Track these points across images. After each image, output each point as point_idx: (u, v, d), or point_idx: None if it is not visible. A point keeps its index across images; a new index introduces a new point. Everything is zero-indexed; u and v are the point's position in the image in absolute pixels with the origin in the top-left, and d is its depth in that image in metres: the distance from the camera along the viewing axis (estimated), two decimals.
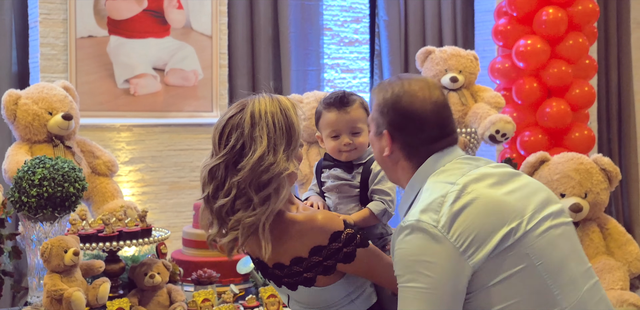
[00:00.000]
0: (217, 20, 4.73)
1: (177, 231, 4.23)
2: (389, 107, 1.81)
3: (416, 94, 1.80)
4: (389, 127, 1.81)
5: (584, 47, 5.07)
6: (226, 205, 1.79)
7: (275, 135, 1.79)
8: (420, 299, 1.60)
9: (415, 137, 1.80)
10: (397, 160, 1.84)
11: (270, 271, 1.88)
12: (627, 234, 4.10)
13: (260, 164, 1.76)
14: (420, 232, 1.63)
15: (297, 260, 1.82)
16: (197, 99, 4.67)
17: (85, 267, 2.85)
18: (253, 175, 1.76)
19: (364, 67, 5.73)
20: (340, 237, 1.80)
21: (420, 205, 1.68)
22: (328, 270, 1.81)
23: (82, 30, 4.33)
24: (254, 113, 1.80)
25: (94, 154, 3.81)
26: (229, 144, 1.79)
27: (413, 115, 1.79)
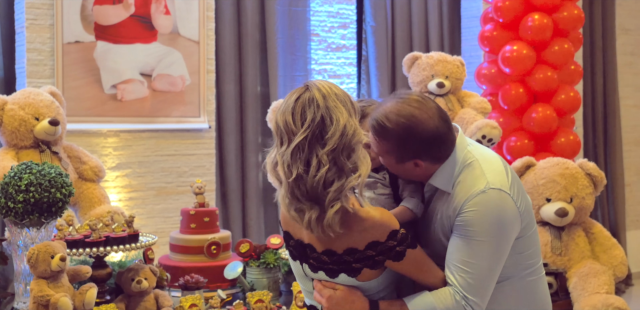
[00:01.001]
0: (204, 26, 4.74)
1: (164, 237, 4.22)
2: (405, 140, 1.95)
3: (417, 116, 1.94)
4: (415, 155, 1.97)
5: (569, 53, 5.11)
6: (321, 178, 1.80)
7: (347, 105, 1.85)
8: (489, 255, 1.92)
9: (441, 152, 1.99)
10: (425, 169, 2.01)
11: (316, 256, 1.92)
12: (613, 239, 4.13)
13: (347, 130, 1.81)
14: (500, 196, 1.93)
15: (351, 250, 1.88)
16: (185, 105, 4.67)
17: (72, 272, 2.85)
18: (343, 142, 1.81)
19: (351, 73, 5.75)
20: (397, 236, 1.88)
21: (490, 174, 1.95)
22: (376, 265, 1.89)
23: (69, 36, 4.32)
24: (320, 89, 1.85)
25: (80, 160, 3.81)
26: (307, 119, 1.81)
27: (432, 138, 1.95)
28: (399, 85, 5.67)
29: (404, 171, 2.04)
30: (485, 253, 1.92)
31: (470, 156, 2.01)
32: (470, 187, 1.95)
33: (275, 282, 3.65)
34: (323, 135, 1.81)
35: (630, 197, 6.80)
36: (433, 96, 4.69)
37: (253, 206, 5.10)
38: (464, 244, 1.93)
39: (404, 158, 1.99)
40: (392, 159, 2.01)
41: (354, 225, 1.86)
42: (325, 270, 1.93)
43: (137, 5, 4.50)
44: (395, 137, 1.95)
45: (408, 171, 2.03)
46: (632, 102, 6.86)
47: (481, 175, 1.96)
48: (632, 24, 6.84)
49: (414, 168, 2.01)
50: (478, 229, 1.92)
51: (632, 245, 6.69)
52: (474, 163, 1.99)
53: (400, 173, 2.07)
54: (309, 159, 1.81)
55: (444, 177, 2.01)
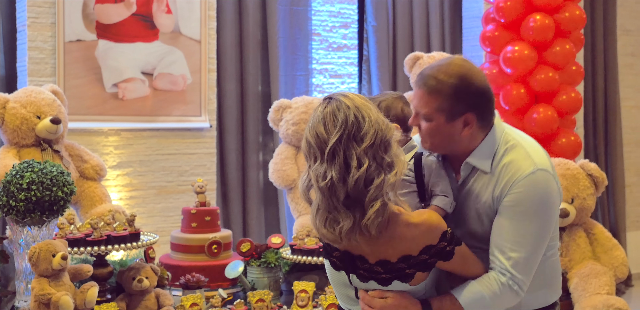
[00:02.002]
0: (205, 25, 4.74)
1: (165, 235, 4.22)
2: (462, 93, 1.96)
3: (471, 67, 1.99)
4: (469, 108, 1.97)
5: (570, 54, 5.10)
6: (362, 176, 1.80)
7: (372, 104, 1.87)
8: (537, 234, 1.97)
9: (489, 109, 2.01)
10: (472, 135, 2.02)
11: (368, 267, 1.90)
12: (613, 239, 4.13)
13: (379, 124, 1.82)
14: (548, 177, 1.98)
15: (405, 258, 1.88)
16: (186, 104, 4.67)
17: (74, 271, 2.85)
18: (380, 136, 1.82)
19: (353, 73, 5.75)
20: (447, 237, 1.89)
21: (536, 156, 1.99)
22: (428, 267, 1.89)
23: (71, 34, 4.32)
24: (344, 94, 1.86)
25: (82, 158, 3.81)
26: (339, 120, 1.81)
27: (484, 88, 1.99)
28: (400, 85, 5.67)
29: (449, 136, 2.01)
30: (534, 232, 1.97)
31: (511, 138, 2.04)
32: (518, 168, 1.98)
33: (276, 281, 3.64)
34: (358, 133, 1.81)
35: (631, 198, 6.80)
36: None
37: (254, 205, 5.10)
38: (513, 225, 1.96)
39: (456, 114, 1.97)
40: (442, 117, 1.98)
41: (407, 233, 1.86)
42: (377, 279, 1.91)
43: (138, 4, 4.50)
44: (451, 88, 1.96)
45: (453, 135, 2.01)
46: (633, 103, 6.86)
47: (527, 157, 1.99)
48: (633, 25, 6.84)
49: (461, 130, 2.00)
50: (527, 209, 1.96)
51: (632, 246, 6.69)
52: (516, 145, 2.03)
53: (444, 140, 2.03)
54: (347, 160, 1.80)
55: (483, 156, 2.03)
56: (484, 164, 2.03)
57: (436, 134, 2.02)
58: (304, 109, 4.33)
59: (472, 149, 2.04)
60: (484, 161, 2.03)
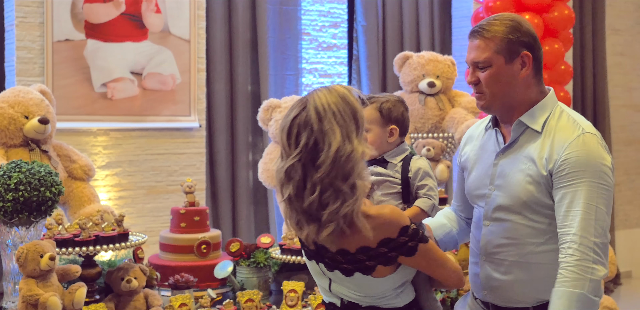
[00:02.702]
0: (195, 25, 4.73)
1: (154, 236, 4.21)
2: (517, 32, 2.09)
3: (523, 18, 2.14)
4: (525, 47, 2.10)
5: (559, 53, 5.12)
6: (314, 202, 1.82)
7: (346, 123, 1.83)
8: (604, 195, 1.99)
9: (540, 53, 2.13)
10: (527, 81, 2.12)
11: (330, 255, 1.92)
12: None
13: (339, 155, 1.80)
14: (598, 141, 2.04)
15: (364, 249, 1.88)
16: (175, 103, 4.66)
17: (62, 271, 2.84)
18: (336, 168, 1.80)
19: (342, 72, 5.75)
20: (408, 232, 1.89)
21: (583, 123, 2.07)
22: (389, 261, 1.89)
23: (59, 34, 4.31)
24: (318, 108, 1.82)
25: (70, 158, 3.79)
26: (301, 143, 1.81)
27: (534, 34, 2.12)
28: (390, 84, 5.67)
29: (508, 80, 2.11)
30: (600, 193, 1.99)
31: (562, 108, 2.15)
32: (566, 132, 2.06)
33: (266, 281, 3.64)
34: (314, 162, 1.81)
35: (620, 197, 6.83)
36: (424, 96, 4.70)
37: (243, 205, 5.10)
38: (574, 192, 1.99)
39: (513, 53, 2.09)
40: (501, 59, 2.09)
41: (364, 223, 1.87)
42: (340, 269, 1.93)
43: (127, 3, 4.49)
44: (506, 28, 2.09)
45: (513, 78, 2.11)
46: (622, 102, 6.89)
47: (575, 122, 2.08)
48: (621, 24, 6.87)
49: (519, 71, 2.10)
50: (586, 173, 1.99)
51: (620, 244, 6.73)
52: (565, 113, 2.13)
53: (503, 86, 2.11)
54: (305, 182, 1.82)
55: (535, 116, 2.11)
56: (536, 123, 2.11)
57: (497, 80, 2.11)
58: None
59: (527, 102, 2.13)
60: (536, 120, 2.11)
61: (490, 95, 2.13)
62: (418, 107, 4.66)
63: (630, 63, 6.94)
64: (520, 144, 2.13)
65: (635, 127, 6.99)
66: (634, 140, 7.00)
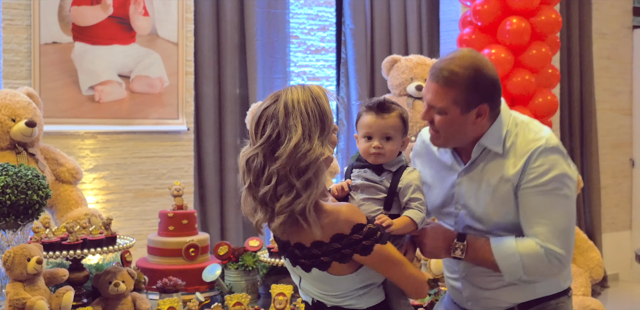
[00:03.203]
0: (183, 28, 4.72)
1: (142, 239, 4.20)
2: (478, 84, 2.02)
3: (482, 59, 2.05)
4: (483, 98, 2.03)
5: (547, 57, 5.14)
6: (269, 192, 1.87)
7: (310, 122, 1.87)
8: (561, 201, 2.01)
9: (499, 99, 2.08)
10: (483, 122, 2.08)
11: (291, 249, 1.97)
12: (589, 241, 4.17)
13: (297, 151, 1.84)
14: (560, 152, 2.04)
15: (317, 243, 1.91)
16: (163, 106, 4.65)
17: (49, 275, 2.82)
18: (292, 162, 1.84)
19: (330, 75, 5.75)
20: (362, 230, 1.91)
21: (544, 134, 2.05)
22: (344, 258, 1.91)
23: (46, 37, 4.29)
24: (287, 103, 1.87)
25: (57, 161, 3.77)
26: (265, 134, 1.87)
27: (496, 79, 2.05)
28: (378, 87, 5.68)
29: (461, 127, 2.07)
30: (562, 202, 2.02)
31: (518, 120, 2.12)
32: (529, 146, 2.04)
33: (254, 284, 3.64)
34: (274, 153, 1.86)
35: (606, 200, 6.87)
36: (412, 99, 4.71)
37: (231, 208, 5.09)
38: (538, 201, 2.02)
39: (471, 105, 2.03)
40: (457, 109, 2.04)
41: (318, 218, 1.89)
42: (300, 264, 1.96)
43: (115, 6, 4.48)
44: (467, 79, 2.01)
45: (466, 126, 2.07)
46: (608, 105, 6.93)
47: (535, 135, 2.07)
48: (608, 28, 6.92)
49: (474, 121, 2.06)
50: (549, 184, 2.01)
51: (608, 247, 6.76)
52: (523, 125, 2.10)
53: (457, 131, 2.08)
54: (263, 171, 1.87)
55: (495, 137, 2.09)
56: (496, 144, 2.08)
57: (450, 126, 2.07)
58: None
59: (481, 135, 2.10)
60: (496, 143, 2.09)
61: (443, 137, 2.12)
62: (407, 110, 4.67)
63: (616, 67, 6.99)
64: (483, 165, 2.11)
65: (621, 130, 7.03)
66: (621, 144, 7.04)
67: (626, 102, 7.06)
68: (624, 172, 7.06)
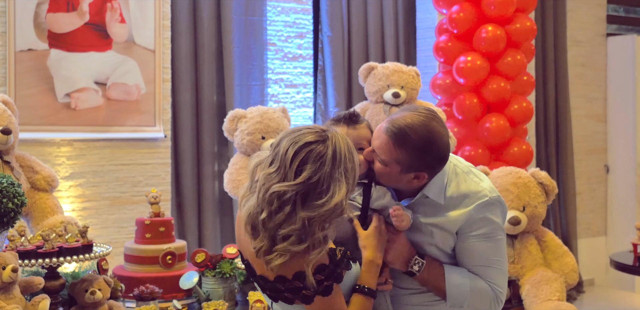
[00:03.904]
0: (160, 35, 4.72)
1: (119, 247, 4.18)
2: (426, 155, 2.01)
3: (440, 133, 2.02)
4: (424, 168, 2.04)
5: (522, 64, 5.19)
6: (286, 234, 1.81)
7: (348, 179, 1.84)
8: (502, 246, 2.12)
9: (441, 166, 2.07)
10: (419, 182, 2.08)
11: (256, 279, 1.95)
12: (564, 247, 4.20)
13: (336, 208, 1.81)
14: (502, 205, 2.12)
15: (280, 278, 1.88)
16: (140, 114, 4.63)
17: (24, 283, 2.81)
18: (325, 216, 1.80)
19: (308, 82, 5.77)
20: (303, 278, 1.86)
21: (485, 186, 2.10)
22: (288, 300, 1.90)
23: (22, 44, 4.27)
24: (337, 151, 1.83)
25: (33, 169, 3.75)
26: (304, 174, 1.79)
27: (444, 155, 2.05)
28: (355, 95, 5.70)
29: (398, 181, 2.08)
30: (500, 246, 2.13)
31: (458, 169, 2.14)
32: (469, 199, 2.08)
33: (231, 291, 3.63)
34: (306, 198, 1.80)
35: (582, 205, 6.93)
36: (389, 106, 4.73)
37: (209, 216, 5.08)
38: (481, 248, 2.09)
39: (411, 169, 2.03)
40: (397, 168, 2.03)
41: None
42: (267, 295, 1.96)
43: (91, 13, 4.47)
44: (415, 149, 1.99)
45: (402, 182, 2.08)
46: (583, 112, 7.01)
47: (476, 185, 2.11)
48: (582, 36, 7.00)
49: (411, 180, 2.06)
50: (488, 232, 2.09)
51: (583, 253, 6.82)
52: (464, 175, 2.13)
53: (391, 182, 2.09)
54: (291, 212, 1.80)
55: (437, 188, 2.10)
56: (438, 195, 2.09)
57: (386, 176, 2.08)
58: (259, 118, 4.33)
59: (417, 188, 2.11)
60: (437, 192, 2.10)
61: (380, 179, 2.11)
62: (383, 117, 4.69)
63: (591, 74, 7.07)
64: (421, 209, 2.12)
65: (596, 136, 7.11)
66: (595, 150, 7.11)
67: (601, 108, 7.14)
68: (599, 178, 7.14)
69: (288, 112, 4.56)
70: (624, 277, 6.47)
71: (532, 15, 6.32)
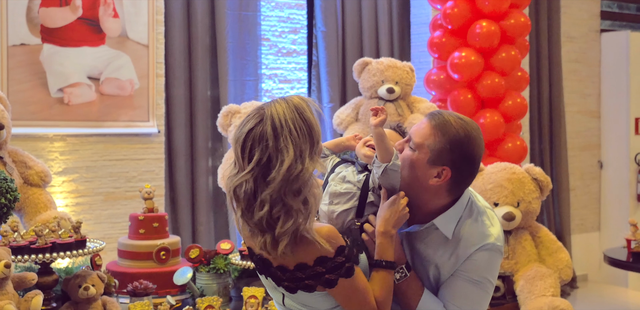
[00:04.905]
0: (153, 30, 4.70)
1: (112, 242, 4.17)
2: (457, 146, 1.98)
3: (478, 140, 2.01)
4: (451, 164, 1.99)
5: (516, 60, 5.19)
6: (264, 216, 1.80)
7: (300, 141, 1.80)
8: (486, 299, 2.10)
9: (466, 178, 2.04)
10: (437, 191, 2.03)
11: (273, 271, 1.91)
12: (558, 242, 4.21)
13: (290, 173, 1.78)
14: (499, 256, 2.09)
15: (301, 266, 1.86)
16: (133, 109, 4.62)
17: (17, 279, 2.80)
18: (285, 185, 1.78)
19: (302, 78, 5.76)
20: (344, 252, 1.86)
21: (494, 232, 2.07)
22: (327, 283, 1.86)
23: (14, 38, 4.25)
24: (275, 123, 1.79)
25: (26, 164, 3.74)
26: (254, 158, 1.79)
27: (474, 161, 2.02)
28: (350, 90, 5.70)
29: (419, 176, 2.02)
30: (486, 298, 2.11)
31: (475, 207, 2.10)
32: (478, 240, 2.05)
33: (225, 287, 3.63)
34: (265, 177, 1.79)
35: (575, 201, 6.95)
36: (383, 101, 4.73)
37: (203, 211, 5.07)
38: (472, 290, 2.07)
39: (437, 161, 1.99)
40: (426, 155, 1.99)
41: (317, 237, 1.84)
42: (284, 287, 1.91)
43: (84, 7, 4.44)
44: (451, 139, 1.98)
45: (423, 179, 2.02)
46: (577, 108, 7.01)
47: (487, 229, 2.08)
48: (576, 32, 7.00)
49: (431, 178, 2.01)
50: (486, 278, 2.07)
51: (577, 248, 6.83)
52: (476, 215, 2.09)
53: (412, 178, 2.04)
54: (255, 197, 1.81)
55: (449, 221, 2.06)
56: (448, 229, 2.05)
57: (411, 167, 2.03)
58: None
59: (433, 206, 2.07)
60: (448, 226, 2.05)
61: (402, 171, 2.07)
62: None
63: (585, 70, 7.07)
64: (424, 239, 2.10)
65: (590, 132, 7.12)
66: (589, 146, 7.12)
67: (594, 104, 7.15)
68: (593, 174, 7.15)
69: None
70: (617, 273, 6.48)
71: (527, 11, 6.32)
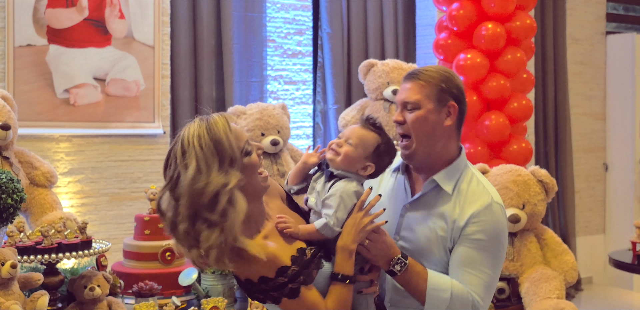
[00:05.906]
0: (159, 31, 4.70)
1: (118, 243, 4.17)
2: (449, 83, 2.16)
3: (455, 73, 2.22)
4: (453, 97, 2.17)
5: (522, 62, 5.18)
6: (188, 230, 1.83)
7: (205, 155, 1.82)
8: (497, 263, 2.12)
9: (465, 106, 2.20)
10: (450, 132, 2.17)
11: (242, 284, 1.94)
12: (563, 244, 4.20)
13: (193, 188, 1.80)
14: (503, 212, 2.15)
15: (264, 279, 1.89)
16: (139, 110, 4.62)
17: (23, 279, 2.80)
18: (193, 199, 1.81)
19: (307, 79, 5.76)
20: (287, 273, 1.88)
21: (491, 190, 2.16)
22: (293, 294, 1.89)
23: (21, 39, 4.26)
24: (184, 141, 1.85)
25: (32, 165, 3.74)
26: (168, 175, 1.87)
27: (463, 88, 2.21)
28: (355, 91, 5.70)
29: (433, 127, 2.14)
30: (495, 261, 2.13)
31: (472, 171, 2.21)
32: (478, 199, 2.13)
33: (230, 288, 3.63)
34: (173, 192, 1.84)
35: (580, 203, 6.93)
36: (388, 103, 4.72)
37: None
38: (475, 254, 2.10)
39: (442, 101, 2.14)
40: (431, 104, 2.14)
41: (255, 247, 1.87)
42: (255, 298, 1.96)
43: (91, 8, 4.45)
44: (440, 78, 2.15)
45: (437, 126, 2.15)
46: (582, 110, 7.01)
47: (484, 190, 2.16)
48: (582, 34, 6.99)
49: (444, 119, 2.15)
50: (488, 240, 2.10)
51: (582, 251, 6.82)
52: (475, 177, 2.20)
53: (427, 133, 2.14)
54: (175, 212, 1.85)
55: (449, 176, 2.16)
56: (448, 184, 2.15)
57: (423, 123, 2.15)
58: (258, 115, 4.32)
59: (445, 156, 2.18)
60: (448, 182, 2.15)
61: (416, 141, 2.15)
62: (383, 114, 4.69)
63: (590, 72, 7.06)
64: (429, 201, 2.16)
65: (595, 135, 7.11)
66: (594, 148, 7.11)
67: (600, 107, 7.14)
68: (598, 176, 7.14)
69: (288, 109, 4.55)
70: (622, 275, 6.47)
71: (532, 13, 6.31)
